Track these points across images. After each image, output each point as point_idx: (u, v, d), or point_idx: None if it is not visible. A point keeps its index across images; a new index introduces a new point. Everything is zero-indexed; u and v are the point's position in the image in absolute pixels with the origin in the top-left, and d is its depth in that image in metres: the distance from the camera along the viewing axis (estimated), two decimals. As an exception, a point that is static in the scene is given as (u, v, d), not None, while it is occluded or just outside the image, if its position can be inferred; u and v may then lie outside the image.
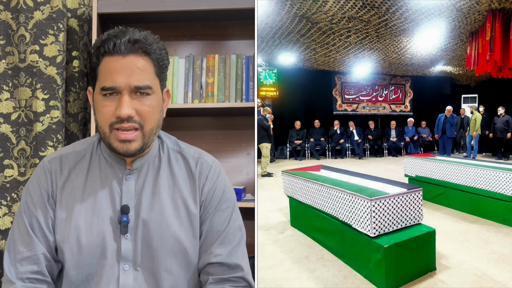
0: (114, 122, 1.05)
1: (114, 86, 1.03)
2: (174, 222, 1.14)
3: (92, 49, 1.08)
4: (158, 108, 1.11)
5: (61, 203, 1.13)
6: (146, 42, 1.06)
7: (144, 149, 1.11)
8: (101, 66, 1.05)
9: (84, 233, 1.10)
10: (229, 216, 1.20)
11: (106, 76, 1.04)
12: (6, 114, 2.17)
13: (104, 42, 1.04)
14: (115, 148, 1.08)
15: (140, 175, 1.16)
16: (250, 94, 2.23)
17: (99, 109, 1.07)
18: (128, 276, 1.11)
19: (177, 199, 1.16)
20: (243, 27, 2.38)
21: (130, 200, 1.14)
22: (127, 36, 1.04)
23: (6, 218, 2.15)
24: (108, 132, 1.07)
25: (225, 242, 1.17)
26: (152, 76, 1.08)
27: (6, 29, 2.18)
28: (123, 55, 1.03)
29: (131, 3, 2.19)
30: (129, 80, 1.03)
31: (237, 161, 2.41)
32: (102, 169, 1.16)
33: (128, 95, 1.04)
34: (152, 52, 1.07)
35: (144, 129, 1.08)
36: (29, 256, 1.09)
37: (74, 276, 1.10)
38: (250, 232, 2.24)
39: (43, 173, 1.15)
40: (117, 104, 1.04)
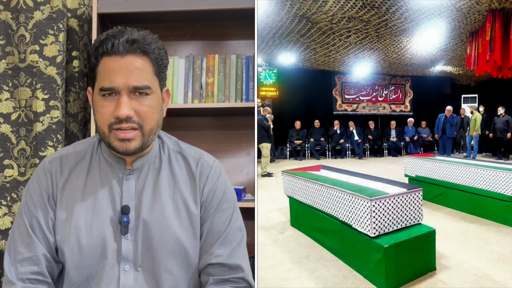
0: (113, 123, 1.05)
1: (112, 86, 1.03)
2: (174, 223, 1.14)
3: (90, 49, 1.08)
4: (157, 108, 1.11)
5: (61, 204, 1.12)
6: (145, 42, 1.05)
7: (144, 148, 1.11)
8: (100, 67, 1.05)
9: (84, 234, 1.10)
10: (229, 216, 1.20)
11: (105, 76, 1.04)
12: (6, 114, 2.17)
13: (103, 43, 1.04)
14: (115, 147, 1.08)
15: (140, 175, 1.16)
16: (250, 94, 2.23)
17: (98, 109, 1.07)
18: (129, 276, 1.11)
19: (178, 199, 1.16)
20: (243, 27, 2.38)
21: (131, 200, 1.13)
22: (125, 36, 1.04)
23: (6, 218, 2.15)
24: (108, 132, 1.07)
25: (226, 243, 1.17)
26: (151, 76, 1.08)
27: (6, 29, 2.18)
28: (122, 55, 1.03)
29: (131, 3, 2.19)
30: (128, 80, 1.03)
31: (237, 161, 2.41)
32: (102, 169, 1.16)
33: (127, 96, 1.04)
34: (150, 51, 1.06)
35: (144, 129, 1.07)
36: (29, 256, 1.08)
37: (74, 277, 1.10)
38: (250, 232, 2.24)
39: (44, 174, 1.15)
40: (116, 105, 1.04)
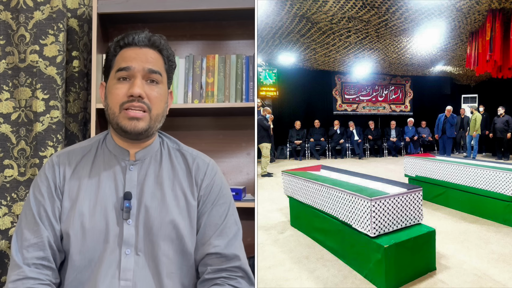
0: (126, 102, 1.15)
1: (129, 66, 1.16)
2: (174, 210, 1.20)
3: (111, 44, 1.22)
4: (164, 98, 1.23)
5: (67, 193, 1.19)
6: (160, 41, 1.22)
7: (149, 132, 1.20)
8: (118, 56, 1.20)
9: (88, 219, 1.15)
10: (226, 210, 1.26)
11: (122, 61, 1.18)
12: (6, 114, 2.17)
13: (124, 37, 1.20)
14: (123, 126, 1.16)
15: (142, 166, 1.24)
16: (250, 94, 2.23)
17: (112, 91, 1.17)
18: (129, 260, 1.15)
19: (177, 190, 1.23)
20: (243, 27, 2.38)
21: (133, 188, 1.20)
22: (144, 34, 1.21)
23: (6, 218, 2.15)
24: (118, 112, 1.16)
25: (223, 234, 1.23)
26: (162, 69, 1.22)
27: (6, 29, 2.18)
28: (140, 47, 1.19)
29: (131, 3, 2.19)
30: (144, 64, 1.17)
31: (237, 161, 2.41)
32: (106, 160, 1.24)
33: (141, 79, 1.16)
34: (164, 49, 1.23)
35: (152, 112, 1.18)
36: (35, 242, 1.13)
37: (77, 261, 1.15)
38: (250, 232, 2.24)
39: (51, 166, 1.22)
40: (129, 86, 1.16)
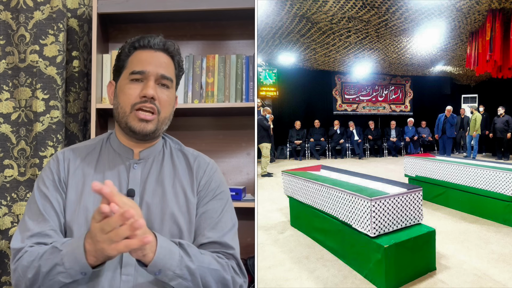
0: (138, 102, 1.19)
1: (143, 70, 1.20)
2: (174, 206, 1.24)
3: (125, 45, 1.26)
4: (173, 102, 1.30)
5: (72, 187, 1.22)
6: (174, 47, 1.28)
7: (156, 134, 1.25)
8: (132, 57, 1.24)
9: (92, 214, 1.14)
10: (222, 206, 1.29)
11: (137, 63, 1.22)
12: (6, 114, 2.17)
13: (139, 39, 1.24)
14: (132, 127, 1.20)
15: (145, 165, 1.28)
16: (250, 94, 2.23)
17: (125, 91, 1.21)
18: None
19: (177, 187, 1.27)
20: (243, 27, 2.38)
21: (136, 186, 1.23)
22: (159, 38, 1.25)
23: (6, 218, 2.15)
24: (129, 112, 1.20)
25: (217, 228, 1.25)
26: (173, 74, 1.27)
27: (6, 29, 2.18)
28: (154, 50, 1.24)
29: (131, 3, 2.19)
30: (157, 69, 1.21)
31: (237, 161, 2.41)
32: (110, 158, 1.27)
33: (153, 82, 1.21)
34: (175, 55, 1.28)
35: (160, 115, 1.23)
36: (38, 232, 1.14)
37: None
38: (250, 232, 2.24)
39: (56, 161, 1.25)
40: (142, 87, 1.20)
